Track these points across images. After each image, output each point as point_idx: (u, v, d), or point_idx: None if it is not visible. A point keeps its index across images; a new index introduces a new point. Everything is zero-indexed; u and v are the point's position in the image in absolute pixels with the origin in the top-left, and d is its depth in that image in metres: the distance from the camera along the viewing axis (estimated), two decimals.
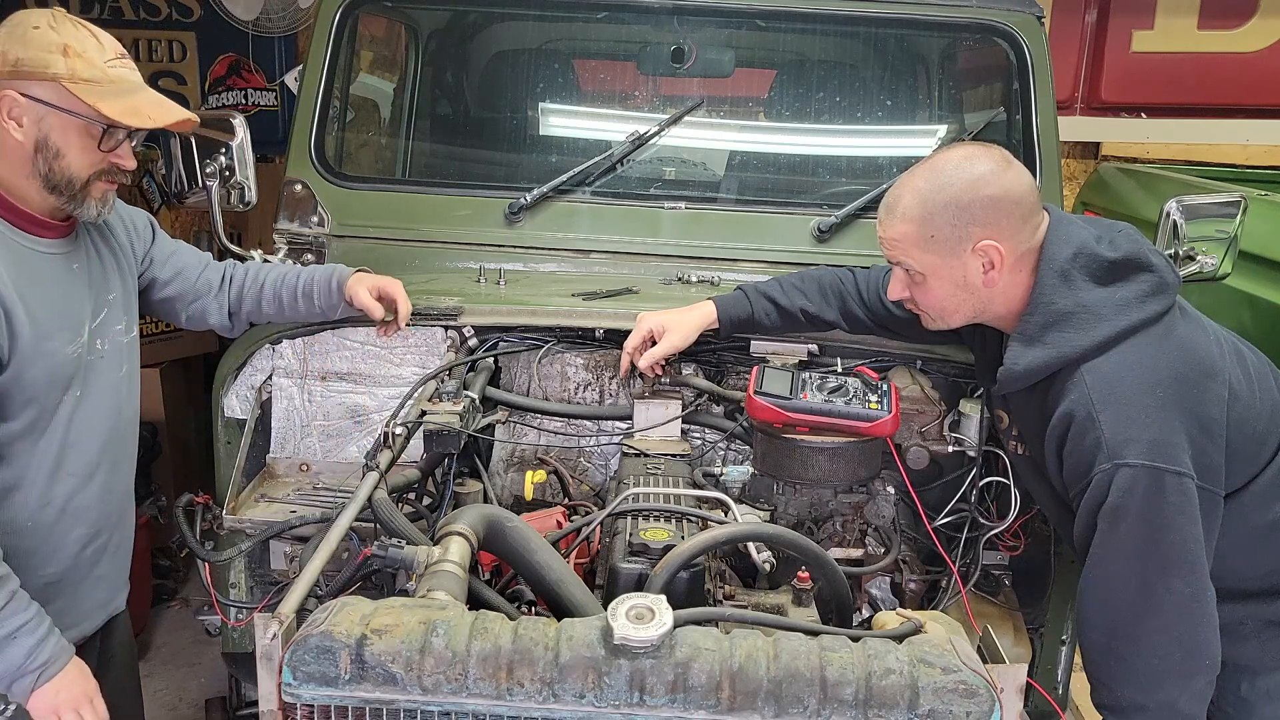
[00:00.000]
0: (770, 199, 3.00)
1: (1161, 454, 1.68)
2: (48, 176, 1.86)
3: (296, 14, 6.36)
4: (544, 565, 1.66)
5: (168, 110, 1.93)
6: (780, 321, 2.30)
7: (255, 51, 6.46)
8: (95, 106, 1.82)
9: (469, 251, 2.79)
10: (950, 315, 1.94)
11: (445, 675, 1.30)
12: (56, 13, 1.86)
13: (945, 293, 1.89)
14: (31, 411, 1.88)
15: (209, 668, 3.75)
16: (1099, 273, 1.81)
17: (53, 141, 1.84)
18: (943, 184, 1.82)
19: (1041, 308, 1.82)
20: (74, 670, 1.87)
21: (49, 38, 1.81)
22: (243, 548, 2.14)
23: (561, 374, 2.46)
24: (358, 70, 3.20)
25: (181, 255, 2.29)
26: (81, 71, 1.82)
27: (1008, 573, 2.35)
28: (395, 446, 1.97)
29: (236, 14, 6.36)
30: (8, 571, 1.79)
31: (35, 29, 1.82)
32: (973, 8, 2.87)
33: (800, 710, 1.29)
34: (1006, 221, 1.81)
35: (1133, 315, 1.77)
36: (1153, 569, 1.69)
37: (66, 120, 1.84)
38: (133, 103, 1.88)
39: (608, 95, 3.46)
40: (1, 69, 1.81)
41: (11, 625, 1.77)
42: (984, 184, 1.80)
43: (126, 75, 1.90)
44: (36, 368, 1.86)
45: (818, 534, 2.21)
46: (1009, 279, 1.85)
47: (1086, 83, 5.87)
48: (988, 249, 1.81)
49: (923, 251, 1.85)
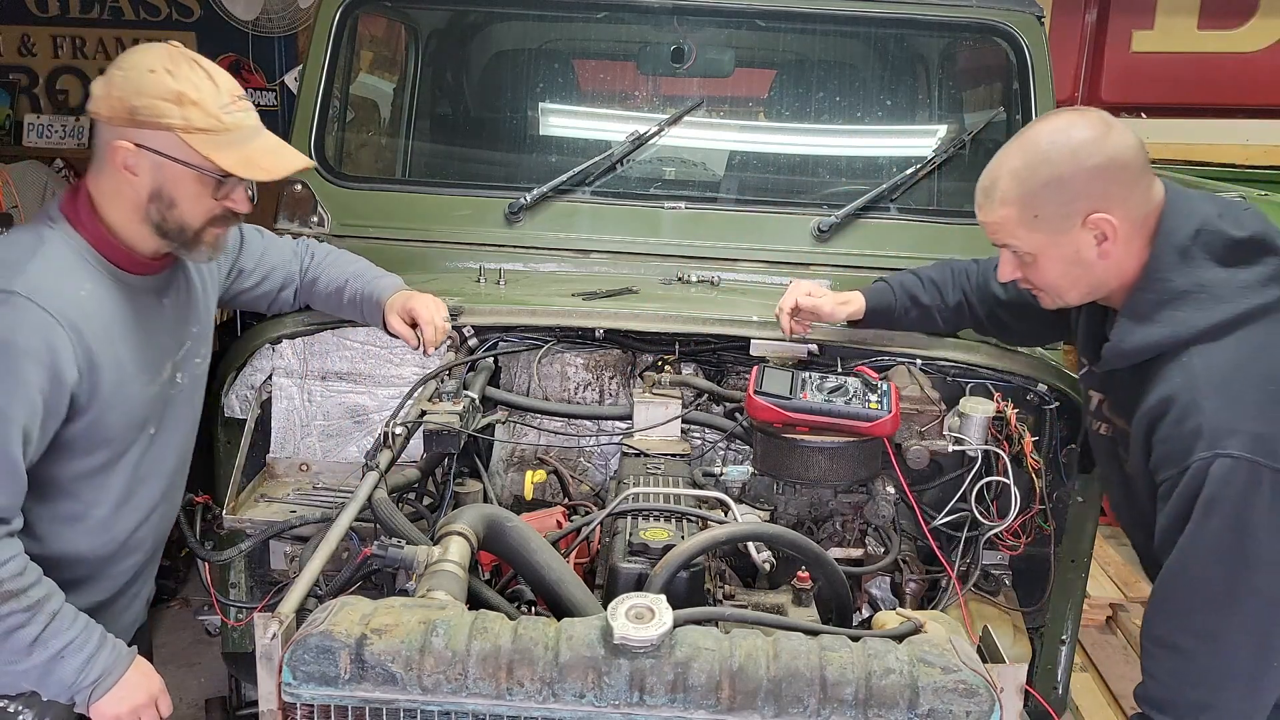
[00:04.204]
0: (770, 199, 3.00)
1: (1265, 449, 1.60)
2: (160, 224, 1.82)
3: (296, 14, 6.36)
4: (544, 565, 1.66)
5: (283, 160, 1.88)
6: (919, 319, 2.27)
7: (255, 51, 6.46)
8: (210, 158, 1.77)
9: (469, 251, 2.79)
10: (1066, 293, 1.84)
11: (445, 675, 1.30)
12: (173, 52, 1.79)
13: (1058, 271, 1.80)
14: (106, 452, 1.86)
15: (209, 668, 3.74)
16: (1222, 252, 1.71)
17: (167, 191, 1.80)
18: (1040, 160, 1.72)
19: (1157, 284, 1.72)
20: (134, 675, 1.85)
21: (165, 84, 1.74)
22: (243, 548, 2.14)
23: (561, 374, 2.46)
24: (358, 70, 3.20)
25: (270, 254, 2.29)
26: (197, 121, 1.75)
27: (1008, 573, 2.35)
28: (395, 446, 1.97)
29: (236, 14, 6.36)
30: (47, 593, 1.74)
31: (151, 73, 1.75)
32: (973, 8, 2.87)
33: (800, 710, 1.29)
34: (1116, 189, 1.71)
35: (1253, 299, 1.67)
36: (1239, 565, 1.62)
37: (181, 170, 1.78)
38: (247, 153, 1.82)
39: (608, 95, 3.46)
40: (117, 116, 1.75)
41: (57, 645, 1.74)
42: (1085, 154, 1.70)
43: (243, 120, 1.82)
44: (116, 411, 1.84)
45: (818, 534, 2.21)
46: (1124, 249, 1.75)
47: (1086, 83, 5.88)
48: (1099, 222, 1.71)
49: (1029, 231, 1.76)
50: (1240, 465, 1.60)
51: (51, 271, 1.75)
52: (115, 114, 1.75)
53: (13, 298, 1.68)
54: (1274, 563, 1.63)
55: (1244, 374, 1.65)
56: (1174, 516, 1.68)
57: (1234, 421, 1.62)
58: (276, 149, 1.88)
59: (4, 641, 1.71)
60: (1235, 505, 1.61)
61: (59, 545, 1.85)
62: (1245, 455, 1.60)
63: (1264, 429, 1.61)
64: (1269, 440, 1.61)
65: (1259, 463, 1.60)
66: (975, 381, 2.29)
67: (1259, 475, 1.60)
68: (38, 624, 1.72)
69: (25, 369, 1.67)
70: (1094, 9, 5.80)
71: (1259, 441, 1.61)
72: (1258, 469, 1.60)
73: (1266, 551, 1.62)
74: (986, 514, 2.18)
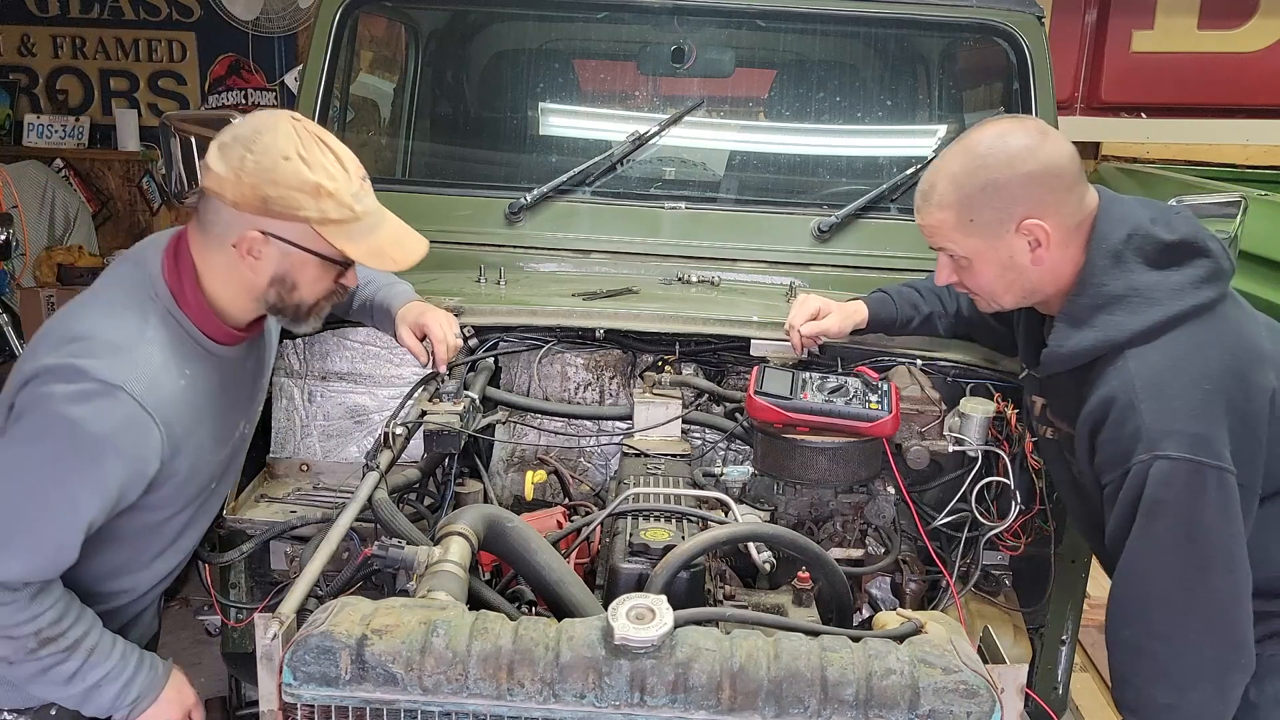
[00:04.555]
0: (770, 199, 3.00)
1: (1203, 447, 1.61)
2: (276, 304, 1.80)
3: (296, 14, 6.37)
4: (544, 565, 1.66)
5: (409, 250, 1.84)
6: (920, 326, 2.29)
7: (255, 51, 6.47)
8: (343, 249, 1.74)
9: (469, 251, 2.79)
10: (1001, 297, 1.87)
11: (446, 675, 1.30)
12: (303, 133, 1.70)
13: (993, 275, 1.82)
14: (165, 511, 1.85)
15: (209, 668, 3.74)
16: (1154, 255, 1.74)
17: (290, 277, 1.76)
18: (977, 165, 1.75)
19: (1091, 289, 1.75)
20: (170, 691, 1.87)
21: (301, 175, 1.67)
22: (243, 548, 2.14)
23: (561, 374, 2.46)
24: (358, 70, 3.20)
25: None
26: (331, 213, 1.70)
27: (1008, 573, 2.34)
28: (395, 446, 1.97)
29: (236, 14, 6.37)
30: (85, 630, 1.74)
31: (285, 160, 1.66)
32: (973, 8, 2.87)
33: (801, 710, 1.29)
34: (1050, 196, 1.74)
35: (1186, 301, 1.70)
36: (1192, 566, 1.64)
37: (309, 258, 1.75)
38: (378, 242, 1.78)
39: (608, 95, 3.46)
40: (248, 203, 1.67)
41: (95, 676, 1.75)
42: (1021, 160, 1.73)
43: (371, 207, 1.77)
44: (187, 484, 1.83)
45: (818, 534, 2.21)
46: (1058, 255, 1.77)
47: (1086, 83, 5.88)
48: (1032, 228, 1.74)
49: (965, 236, 1.79)
50: (1179, 466, 1.62)
51: (155, 362, 1.70)
52: (245, 201, 1.67)
53: (117, 393, 1.63)
54: (1228, 561, 1.64)
55: (1178, 375, 1.67)
56: (1121, 519, 1.70)
57: (1170, 423, 1.63)
58: (401, 237, 1.84)
59: (44, 676, 1.72)
60: (1183, 507, 1.62)
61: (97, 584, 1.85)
62: (1184, 456, 1.62)
63: (1201, 429, 1.63)
64: (1207, 440, 1.63)
65: (1202, 462, 1.62)
66: (975, 381, 2.29)
67: (1203, 475, 1.62)
68: (76, 660, 1.73)
69: (111, 467, 1.65)
70: (1094, 9, 5.80)
71: (1198, 441, 1.62)
72: (1200, 468, 1.62)
73: (1219, 551, 1.64)
74: (987, 514, 2.18)
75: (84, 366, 1.62)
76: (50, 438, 1.62)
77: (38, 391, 1.63)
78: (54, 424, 1.61)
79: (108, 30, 6.56)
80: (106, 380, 1.63)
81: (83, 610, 1.75)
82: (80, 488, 1.64)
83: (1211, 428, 1.63)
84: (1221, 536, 1.64)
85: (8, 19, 6.56)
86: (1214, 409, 1.64)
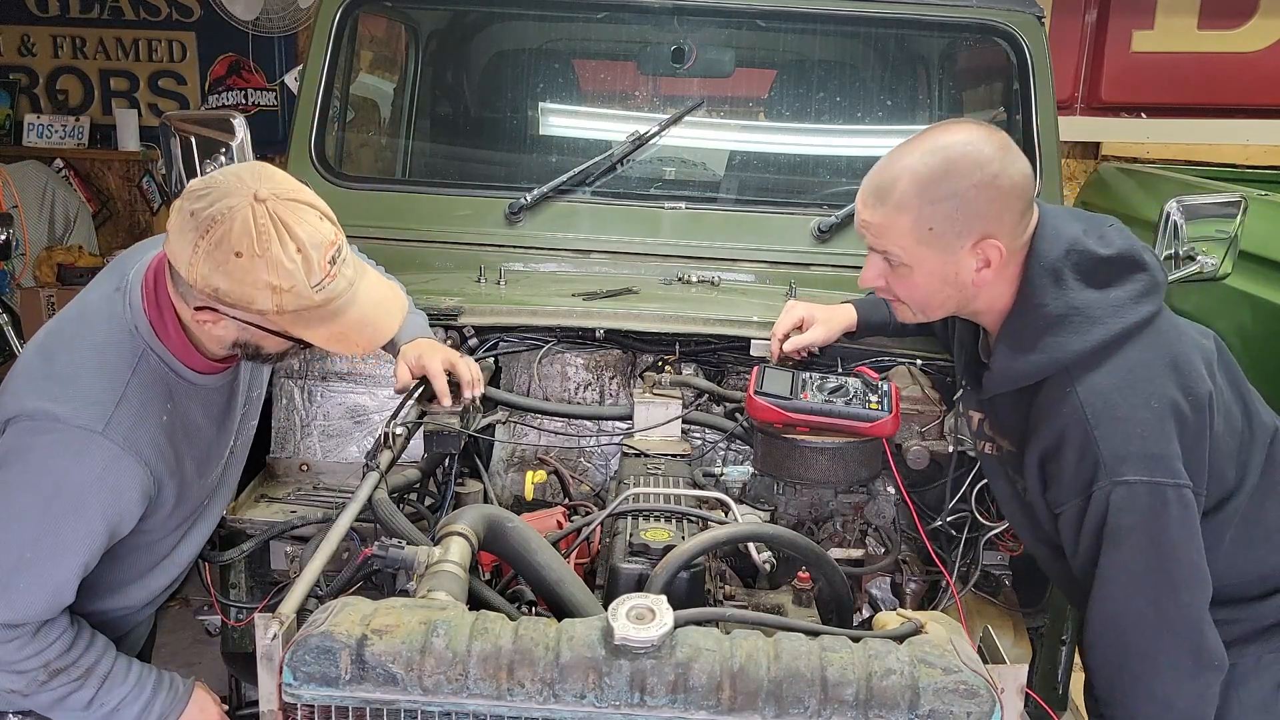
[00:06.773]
0: (770, 199, 3.00)
1: (1160, 467, 1.61)
2: (246, 356, 1.80)
3: (296, 14, 6.36)
4: (544, 565, 1.66)
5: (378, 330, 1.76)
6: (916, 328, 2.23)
7: (255, 51, 6.47)
8: (300, 336, 1.70)
9: (469, 251, 2.79)
10: (932, 309, 1.81)
11: (446, 675, 1.30)
12: (263, 224, 1.58)
13: (930, 287, 1.75)
14: (157, 534, 1.86)
15: (209, 668, 3.73)
16: (1091, 272, 1.71)
17: (252, 343, 1.75)
18: (946, 171, 1.65)
19: (1031, 310, 1.72)
20: (194, 709, 1.88)
21: (253, 274, 1.58)
22: (244, 548, 2.14)
23: (562, 374, 2.46)
24: (358, 70, 3.20)
25: None
26: (288, 305, 1.62)
27: (1008, 573, 2.34)
28: (395, 446, 1.97)
29: (236, 14, 6.37)
30: (96, 658, 1.75)
31: (237, 257, 1.57)
32: (973, 8, 2.87)
33: (801, 711, 1.29)
34: (1009, 216, 1.68)
35: (1127, 318, 1.68)
36: (1163, 584, 1.63)
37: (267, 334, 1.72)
38: (341, 328, 1.70)
39: (608, 95, 3.46)
40: (200, 289, 1.61)
41: (112, 702, 1.76)
42: (992, 175, 1.65)
43: (338, 290, 1.66)
44: (179, 510, 1.84)
45: (818, 534, 2.21)
46: (999, 275, 1.72)
47: (1086, 83, 5.89)
48: (987, 248, 1.68)
49: (916, 243, 1.70)
50: (1138, 489, 1.61)
51: (136, 405, 1.70)
52: (198, 286, 1.61)
53: (97, 439, 1.64)
54: (1193, 573, 1.64)
55: (1127, 397, 1.65)
56: (1086, 547, 1.68)
57: (1125, 446, 1.62)
58: (370, 319, 1.74)
59: (61, 705, 1.74)
60: (1145, 529, 1.61)
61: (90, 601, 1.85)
62: (1141, 479, 1.61)
63: (1155, 449, 1.62)
64: (1163, 458, 1.62)
65: (1160, 482, 1.61)
66: None
67: (1163, 493, 1.61)
68: (90, 688, 1.74)
69: (98, 512, 1.66)
70: (1094, 9, 5.80)
71: (1154, 461, 1.61)
72: (1160, 489, 1.61)
73: (1185, 565, 1.63)
74: (987, 515, 2.18)
75: (63, 415, 1.64)
76: (35, 490, 1.64)
77: (20, 442, 1.65)
78: (37, 477, 1.63)
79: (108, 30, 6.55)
80: (86, 428, 1.64)
81: (93, 637, 1.76)
82: (70, 535, 1.65)
83: (1165, 445, 1.62)
84: (1186, 551, 1.63)
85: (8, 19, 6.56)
86: (1165, 426, 1.63)
